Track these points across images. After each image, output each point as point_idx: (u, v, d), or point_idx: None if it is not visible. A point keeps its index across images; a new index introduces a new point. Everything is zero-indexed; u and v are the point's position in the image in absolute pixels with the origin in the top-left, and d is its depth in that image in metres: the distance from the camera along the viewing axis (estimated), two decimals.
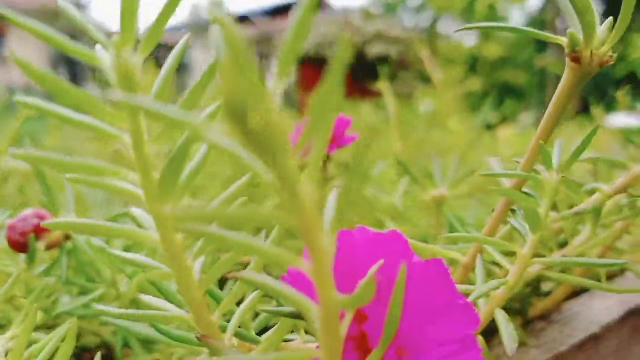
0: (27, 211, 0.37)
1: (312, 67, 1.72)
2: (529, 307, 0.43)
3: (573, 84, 0.28)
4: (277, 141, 0.14)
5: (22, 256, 0.38)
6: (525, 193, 0.29)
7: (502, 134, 1.19)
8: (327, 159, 0.59)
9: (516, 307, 0.42)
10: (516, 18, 4.95)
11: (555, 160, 0.29)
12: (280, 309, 0.22)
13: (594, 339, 0.43)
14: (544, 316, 0.44)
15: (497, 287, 0.26)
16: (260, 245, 0.16)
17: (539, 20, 4.21)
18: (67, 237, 0.38)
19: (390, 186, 0.66)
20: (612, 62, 0.27)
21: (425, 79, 1.45)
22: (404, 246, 0.22)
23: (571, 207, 0.37)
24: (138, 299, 0.23)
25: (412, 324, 0.20)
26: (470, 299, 0.25)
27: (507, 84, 3.70)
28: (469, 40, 4.69)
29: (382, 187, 0.64)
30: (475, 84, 3.55)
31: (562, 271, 0.44)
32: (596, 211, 0.36)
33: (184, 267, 0.20)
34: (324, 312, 0.16)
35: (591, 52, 0.26)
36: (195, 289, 0.20)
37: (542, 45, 4.06)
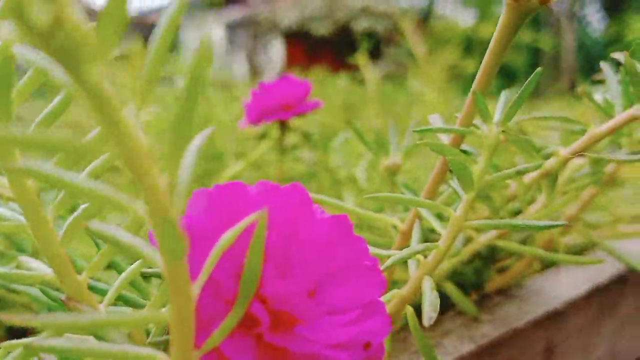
0: None
1: (296, 42, 1.67)
2: (487, 281, 0.41)
3: (511, 24, 0.25)
4: (75, 43, 0.11)
5: None
6: (463, 150, 0.26)
7: None
8: (285, 126, 0.56)
9: (472, 281, 0.40)
10: None
11: (497, 114, 0.26)
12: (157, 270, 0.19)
13: (555, 315, 0.40)
14: (504, 291, 0.42)
15: (423, 252, 0.24)
16: (93, 187, 0.13)
17: None
18: None
19: (358, 159, 0.64)
20: (554, 0, 0.24)
21: (413, 55, 1.42)
22: (304, 201, 0.19)
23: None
24: None
25: (304, 286, 0.18)
26: (387, 264, 0.22)
27: (502, 65, 3.64)
28: (465, 20, 4.62)
29: (349, 160, 0.61)
30: (470, 64, 3.52)
31: (523, 243, 0.42)
32: (551, 176, 0.33)
33: (40, 218, 0.17)
34: (167, 267, 0.14)
35: None
36: (56, 244, 0.18)
37: (538, 26, 4.00)
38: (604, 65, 0.38)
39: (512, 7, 0.24)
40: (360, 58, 1.06)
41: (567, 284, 0.44)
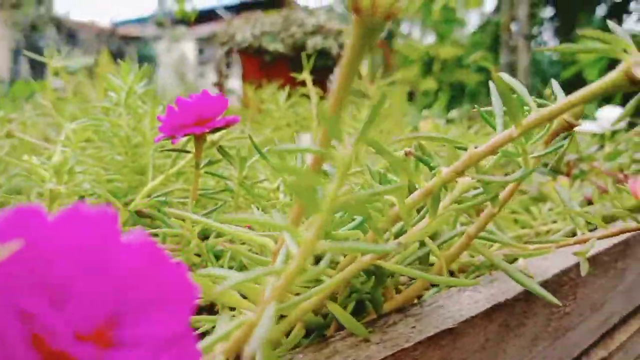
0: None
1: (251, 57, 1.68)
2: (385, 300, 0.40)
3: (358, 41, 0.24)
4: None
5: None
6: (323, 171, 0.26)
7: (424, 126, 1.17)
8: (200, 141, 0.55)
9: (369, 299, 0.39)
10: (474, 21, 5.01)
11: (353, 135, 0.26)
12: None
13: (450, 335, 0.40)
14: (402, 310, 0.41)
15: (268, 274, 0.23)
16: None
17: (494, 23, 4.28)
18: None
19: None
20: (398, 13, 0.24)
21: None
22: (108, 227, 0.18)
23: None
24: None
25: (87, 323, 0.16)
26: (220, 288, 0.21)
27: (461, 84, 3.74)
28: (427, 40, 4.72)
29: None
30: (430, 82, 3.60)
31: (421, 262, 0.42)
32: (434, 195, 0.33)
33: None
34: None
35: (373, 1, 0.23)
36: None
37: (496, 46, 4.13)
38: (492, 86, 0.39)
39: (357, 22, 0.24)
40: (305, 75, 1.06)
41: (468, 302, 0.44)
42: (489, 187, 0.37)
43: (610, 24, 0.30)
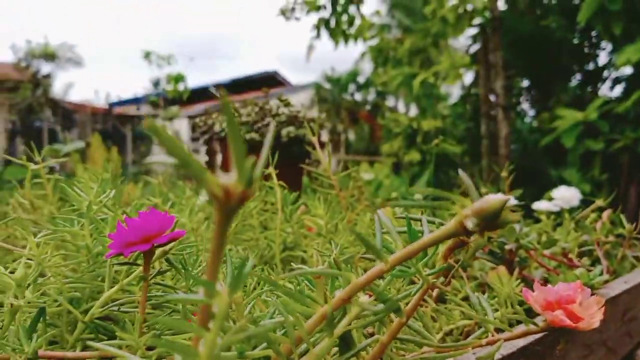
0: None
1: (227, 146, 1.78)
2: None
3: (222, 220, 0.29)
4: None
5: None
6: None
7: (383, 213, 1.21)
8: (149, 253, 0.59)
9: None
10: (455, 93, 5.25)
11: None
12: None
13: None
14: None
15: None
16: None
17: (474, 94, 4.48)
18: None
19: None
20: (250, 197, 0.29)
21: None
22: None
23: None
24: None
25: None
26: None
27: (445, 155, 3.86)
28: (411, 113, 4.92)
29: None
30: (414, 154, 3.66)
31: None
32: (328, 320, 0.37)
33: None
34: None
35: (227, 192, 0.28)
36: None
37: (477, 117, 4.29)
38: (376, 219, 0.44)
39: (218, 208, 0.29)
40: (270, 169, 1.12)
41: None
42: (387, 304, 0.41)
43: (462, 174, 0.36)
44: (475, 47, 4.51)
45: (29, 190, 1.15)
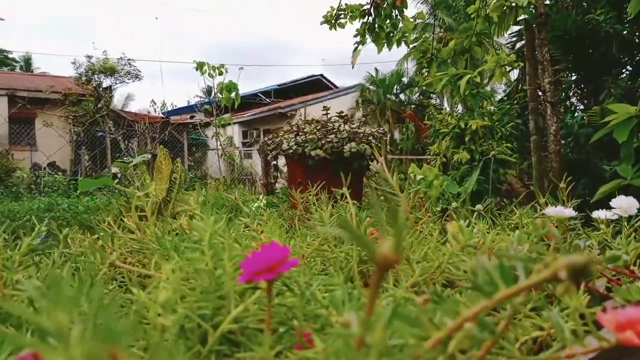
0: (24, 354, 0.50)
1: (296, 162, 1.90)
2: None
3: (378, 276, 0.40)
4: None
5: None
6: None
7: (450, 227, 1.31)
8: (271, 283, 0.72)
9: None
10: (500, 90, 5.22)
11: None
12: None
13: None
14: None
15: None
16: None
17: (520, 92, 4.46)
18: None
19: None
20: (401, 261, 0.40)
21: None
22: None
23: None
24: None
25: None
26: None
27: (493, 153, 3.88)
28: (458, 112, 4.93)
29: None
30: (462, 153, 3.67)
31: None
32: (443, 341, 0.48)
33: None
34: None
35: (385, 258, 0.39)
36: None
37: (524, 114, 4.27)
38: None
39: (377, 268, 0.40)
40: (344, 189, 1.23)
41: None
42: (486, 329, 0.51)
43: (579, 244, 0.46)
44: (520, 44, 4.48)
45: (134, 213, 1.30)
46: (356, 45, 4.96)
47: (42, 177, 10.90)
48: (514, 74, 4.62)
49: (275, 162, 1.91)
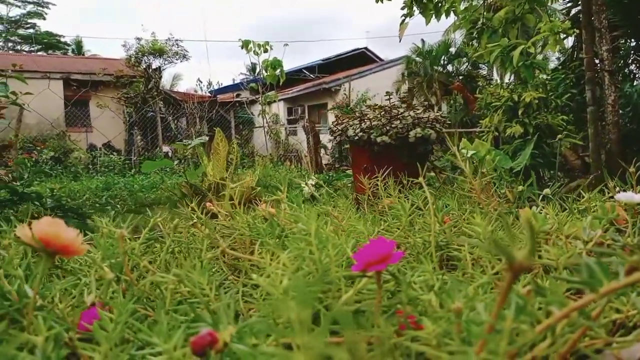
0: (203, 331, 0.63)
1: (361, 148, 1.97)
2: None
3: (510, 280, 0.50)
4: None
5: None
6: None
7: (522, 214, 1.38)
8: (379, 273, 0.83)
9: None
10: (553, 58, 5.05)
11: None
12: None
13: None
14: None
15: None
16: None
17: (576, 60, 4.33)
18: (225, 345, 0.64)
19: None
20: (533, 267, 0.49)
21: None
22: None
23: None
24: None
25: None
26: None
27: (548, 126, 3.82)
28: (509, 84, 4.82)
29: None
30: (515, 127, 3.63)
31: None
32: (552, 329, 0.58)
33: None
34: None
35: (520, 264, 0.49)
36: None
37: (580, 84, 4.16)
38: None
39: (510, 272, 0.50)
40: (420, 179, 1.31)
41: None
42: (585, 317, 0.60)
43: None
44: (576, 10, 4.33)
45: (227, 201, 1.44)
46: (403, 17, 4.92)
47: (98, 157, 11.42)
48: (569, 42, 4.48)
49: (320, 141, 2.00)
